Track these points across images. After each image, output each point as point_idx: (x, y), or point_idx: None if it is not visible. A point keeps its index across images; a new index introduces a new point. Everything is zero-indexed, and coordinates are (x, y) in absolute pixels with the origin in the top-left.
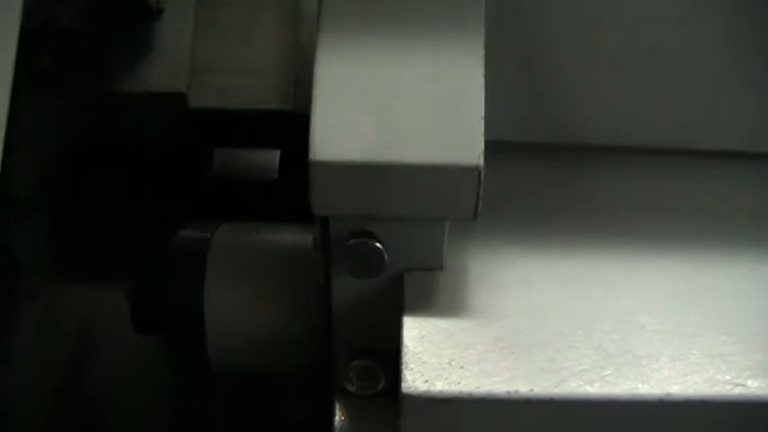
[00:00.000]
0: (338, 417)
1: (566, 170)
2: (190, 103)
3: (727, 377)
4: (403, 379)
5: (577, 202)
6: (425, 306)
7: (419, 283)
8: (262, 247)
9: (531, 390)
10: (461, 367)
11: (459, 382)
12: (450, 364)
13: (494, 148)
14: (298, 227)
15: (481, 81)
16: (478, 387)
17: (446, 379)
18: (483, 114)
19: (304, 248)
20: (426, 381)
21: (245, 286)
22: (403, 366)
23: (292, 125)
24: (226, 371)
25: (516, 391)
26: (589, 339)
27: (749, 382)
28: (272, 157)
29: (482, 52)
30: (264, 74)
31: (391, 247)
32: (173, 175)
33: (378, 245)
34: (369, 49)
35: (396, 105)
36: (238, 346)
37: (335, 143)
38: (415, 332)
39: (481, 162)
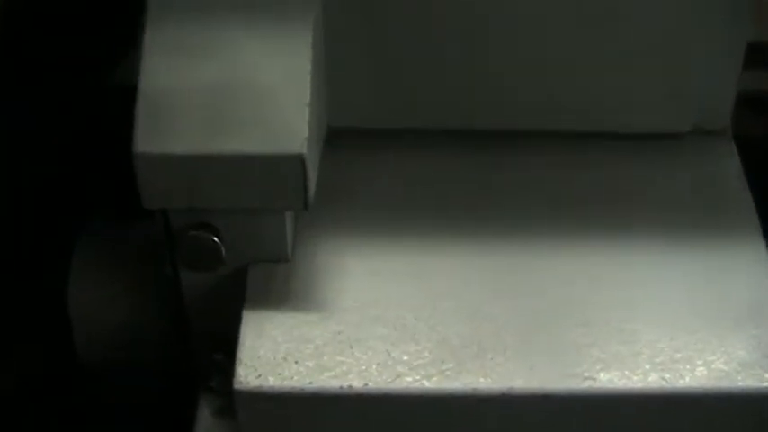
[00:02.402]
0: (201, 412)
1: (424, 158)
2: None
3: (578, 370)
4: (235, 374)
5: (432, 190)
6: (267, 299)
7: (262, 276)
8: (126, 241)
9: (365, 385)
10: (296, 362)
11: (292, 378)
12: (285, 358)
13: (348, 135)
14: None
15: (307, 67)
16: (311, 382)
17: (279, 374)
18: (308, 101)
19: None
20: (259, 376)
21: (108, 281)
22: (237, 361)
23: None
24: (94, 362)
25: (350, 387)
26: (432, 332)
27: (600, 375)
28: None
29: (309, 39)
30: None
31: (232, 239)
32: None
33: (214, 238)
34: (196, 36)
35: (222, 95)
36: (103, 341)
37: (159, 135)
38: (254, 326)
39: (304, 150)
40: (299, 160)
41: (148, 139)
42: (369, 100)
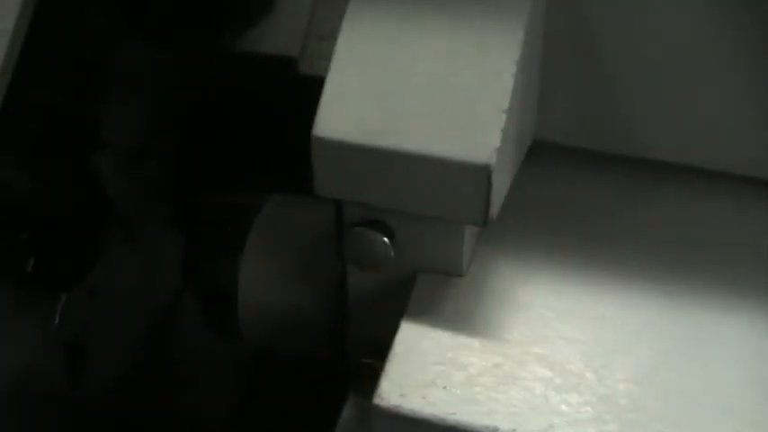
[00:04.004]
0: (346, 414)
1: (629, 187)
2: (300, 69)
3: None
4: (378, 387)
5: (633, 225)
6: (430, 313)
7: (430, 287)
8: (307, 223)
9: (513, 430)
10: (444, 387)
11: (436, 404)
12: (434, 381)
13: (557, 151)
14: None
15: (512, 70)
16: (454, 413)
17: (423, 397)
18: (506, 107)
19: None
20: (402, 395)
21: (282, 260)
22: (383, 374)
23: None
24: (253, 342)
25: (495, 428)
26: (599, 385)
27: None
28: None
29: (519, 41)
30: None
31: (405, 242)
32: (277, 138)
33: (384, 238)
34: (397, 25)
35: (413, 87)
36: (267, 320)
37: (341, 121)
38: (409, 339)
39: (492, 161)
40: (485, 172)
41: (330, 125)
42: (579, 118)
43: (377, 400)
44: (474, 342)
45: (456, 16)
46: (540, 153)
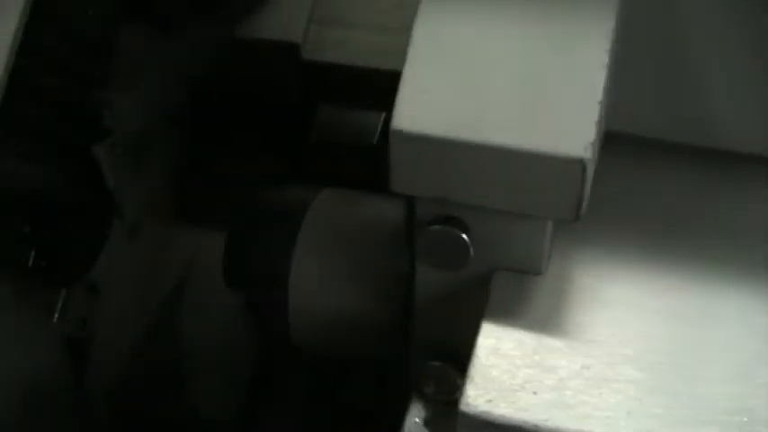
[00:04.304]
0: (410, 418)
1: (707, 179)
2: (303, 54)
3: None
4: (464, 393)
5: (714, 218)
6: (511, 313)
7: (510, 286)
8: (361, 220)
9: None
10: (534, 392)
11: (527, 410)
12: (522, 386)
13: (634, 142)
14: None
15: (605, 59)
16: (547, 420)
17: (513, 403)
18: (600, 98)
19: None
20: (490, 400)
21: (336, 259)
22: (468, 379)
23: None
24: (304, 345)
25: None
26: (695, 386)
27: None
28: (375, 120)
29: (610, 30)
30: (386, 32)
31: (482, 239)
32: (281, 127)
33: (463, 235)
34: (477, 8)
35: (498, 78)
36: (319, 322)
37: (422, 114)
38: (492, 341)
39: (588, 155)
40: (579, 166)
41: (410, 117)
42: (658, 108)
43: (463, 407)
44: (559, 343)
45: (542, 3)
46: (613, 143)
